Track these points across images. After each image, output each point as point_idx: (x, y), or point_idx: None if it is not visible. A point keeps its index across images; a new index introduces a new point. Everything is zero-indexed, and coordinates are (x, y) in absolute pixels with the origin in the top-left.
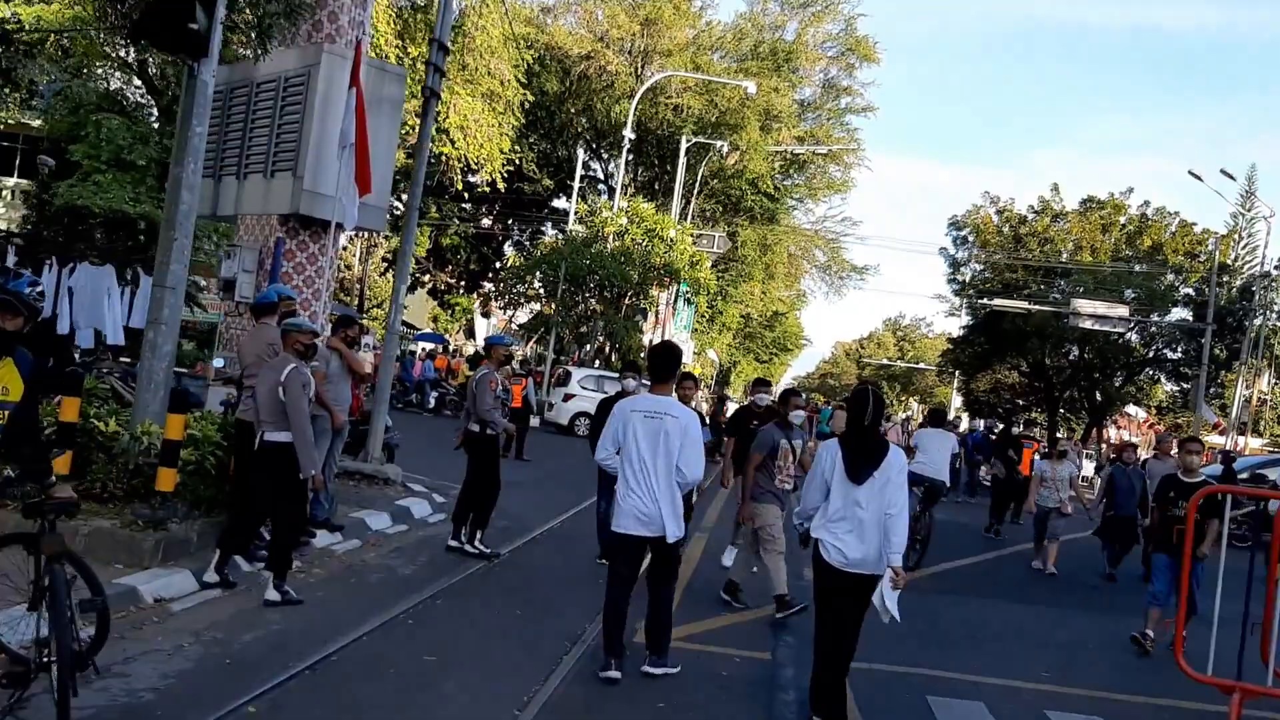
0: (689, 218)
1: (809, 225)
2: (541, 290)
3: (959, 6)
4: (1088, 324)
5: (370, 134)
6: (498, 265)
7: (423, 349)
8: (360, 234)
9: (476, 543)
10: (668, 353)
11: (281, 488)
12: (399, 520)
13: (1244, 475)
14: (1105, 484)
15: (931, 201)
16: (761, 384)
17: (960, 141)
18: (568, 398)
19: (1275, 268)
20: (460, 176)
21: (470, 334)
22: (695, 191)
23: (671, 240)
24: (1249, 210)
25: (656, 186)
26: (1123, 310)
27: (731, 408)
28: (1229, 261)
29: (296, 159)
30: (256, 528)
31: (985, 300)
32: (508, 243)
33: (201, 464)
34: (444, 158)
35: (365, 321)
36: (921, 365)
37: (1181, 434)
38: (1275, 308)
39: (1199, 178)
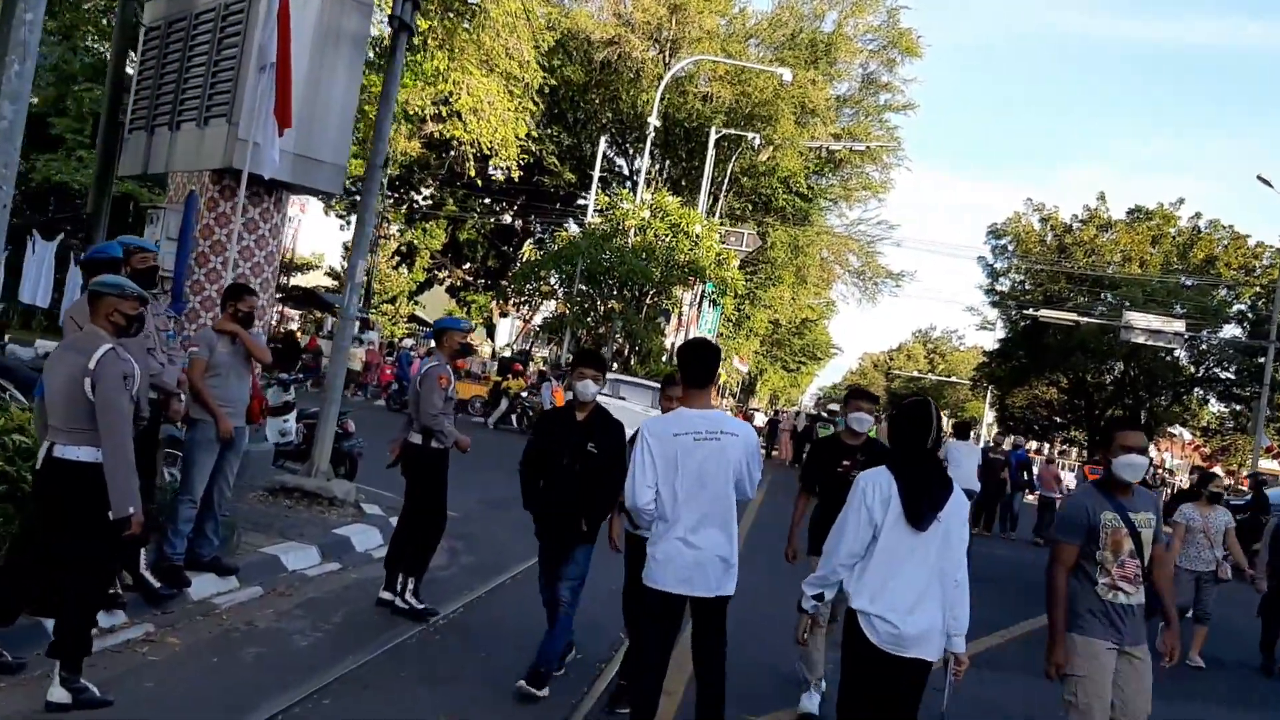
0: (717, 215)
1: (843, 229)
2: (558, 288)
3: (978, 16)
4: (1140, 338)
5: (326, 74)
6: (516, 261)
7: (421, 344)
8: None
9: (408, 595)
10: (705, 351)
11: (77, 530)
12: (331, 556)
13: None
14: (1273, 540)
15: (955, 214)
16: (861, 396)
17: (984, 156)
18: None
19: None
20: (474, 163)
21: (490, 334)
22: (724, 188)
23: (697, 236)
24: None
25: (684, 183)
26: (1179, 325)
27: (758, 420)
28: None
29: (231, 104)
30: (49, 581)
31: (1031, 311)
32: (528, 240)
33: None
34: (455, 142)
35: (374, 317)
36: (953, 379)
37: (1231, 457)
38: None
39: (1269, 183)
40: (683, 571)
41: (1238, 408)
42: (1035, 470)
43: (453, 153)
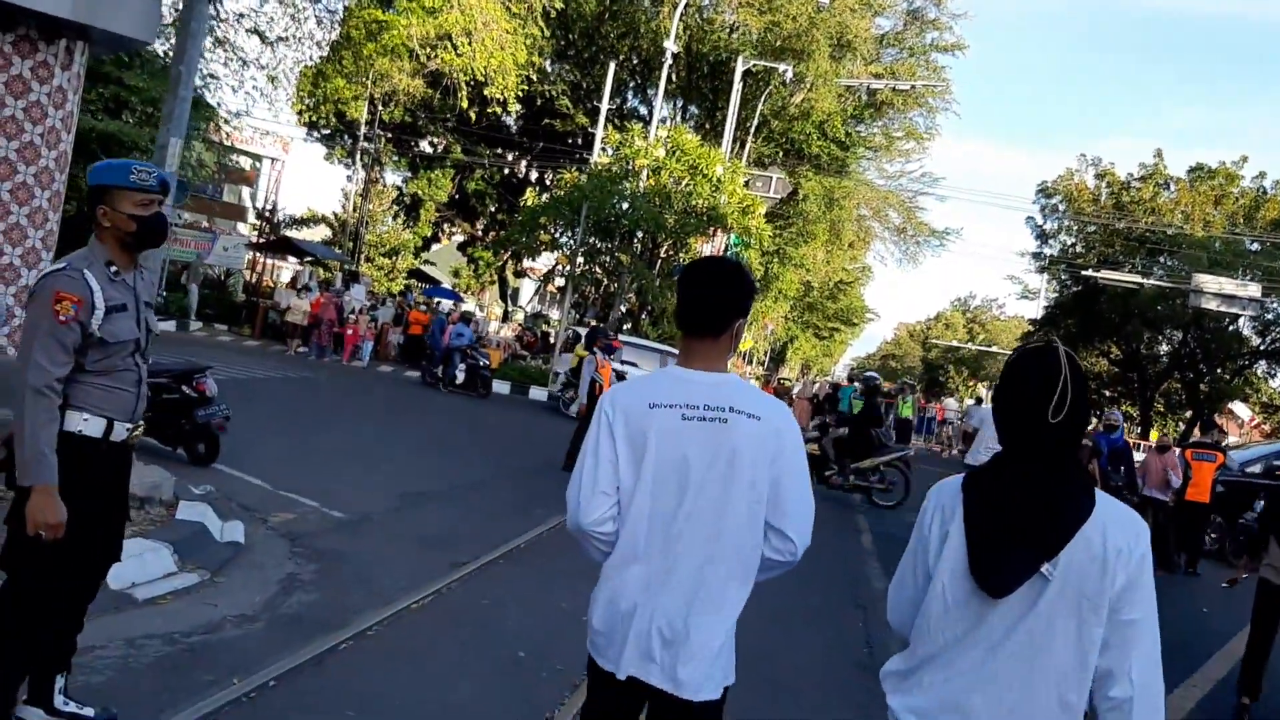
0: (744, 160)
1: (884, 184)
2: (562, 239)
3: None
4: (1212, 304)
5: None
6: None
7: (454, 308)
8: (357, 166)
9: (61, 698)
10: (719, 278)
11: None
12: None
13: None
14: None
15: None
16: None
17: (1032, 126)
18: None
19: None
20: (467, 92)
21: (503, 295)
22: (752, 132)
23: (718, 180)
24: None
25: (708, 126)
26: (1254, 290)
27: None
28: None
29: None
30: None
31: (1090, 272)
32: (529, 188)
33: None
34: (449, 70)
35: (366, 269)
36: (994, 349)
37: None
38: None
39: None
40: (643, 642)
41: None
42: (1138, 460)
43: (445, 82)
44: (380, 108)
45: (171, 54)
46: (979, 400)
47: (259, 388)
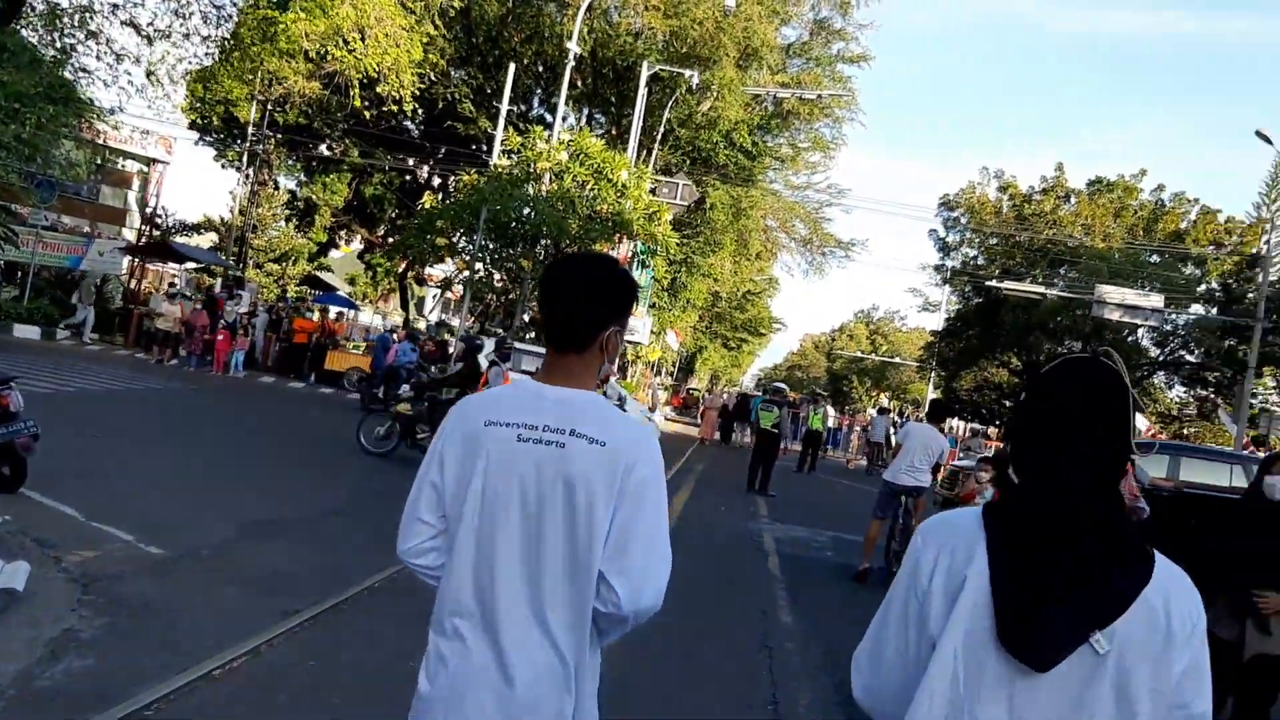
0: (650, 168)
1: (790, 195)
2: (460, 244)
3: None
4: (1114, 315)
5: None
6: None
7: (399, 326)
8: (249, 170)
9: None
10: (588, 278)
11: None
12: None
13: None
14: None
15: (907, 191)
16: None
17: (934, 142)
18: None
19: None
20: (359, 91)
21: (404, 304)
22: (659, 140)
23: (623, 185)
24: (1274, 199)
25: (614, 132)
26: (1157, 301)
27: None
28: (1261, 251)
29: None
30: None
31: (993, 283)
32: (427, 192)
33: None
34: (339, 67)
35: (253, 276)
36: (897, 359)
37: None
38: None
39: (1268, 139)
40: (472, 713)
41: (1204, 393)
42: None
43: (337, 80)
44: (274, 110)
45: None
46: (882, 410)
47: (108, 400)
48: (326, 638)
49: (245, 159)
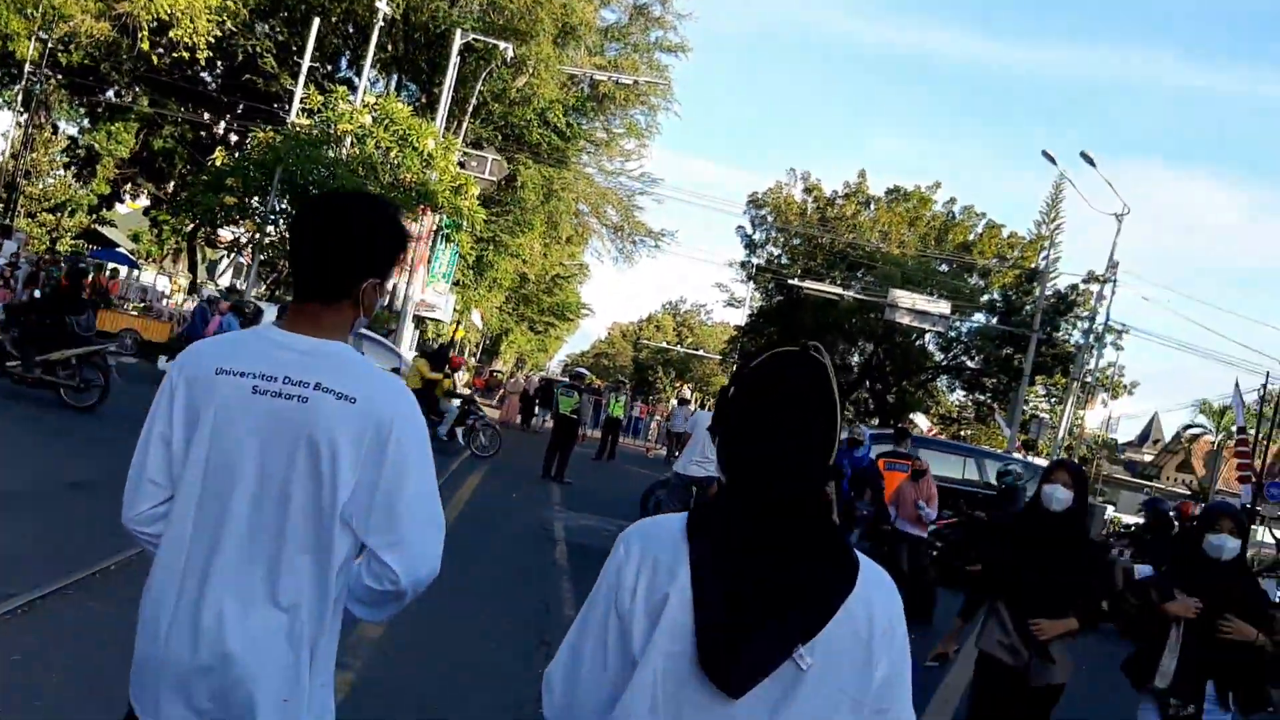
0: (460, 141)
1: (603, 181)
2: (250, 205)
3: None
4: (905, 319)
5: None
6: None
7: (216, 294)
8: (25, 114)
9: None
10: (338, 223)
11: None
12: None
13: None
14: None
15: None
16: None
17: (744, 149)
18: None
19: (1100, 276)
20: (149, 35)
21: (192, 266)
22: (470, 112)
23: (430, 156)
24: (1053, 217)
25: (424, 100)
26: (944, 307)
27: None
28: (1039, 266)
29: None
30: None
31: (795, 281)
32: (219, 148)
33: None
34: (131, 8)
35: (23, 225)
36: (701, 352)
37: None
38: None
39: (1052, 159)
40: (176, 684)
41: (981, 397)
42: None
43: (124, 20)
44: (56, 49)
45: None
46: (683, 401)
47: None
48: (39, 627)
49: (21, 99)
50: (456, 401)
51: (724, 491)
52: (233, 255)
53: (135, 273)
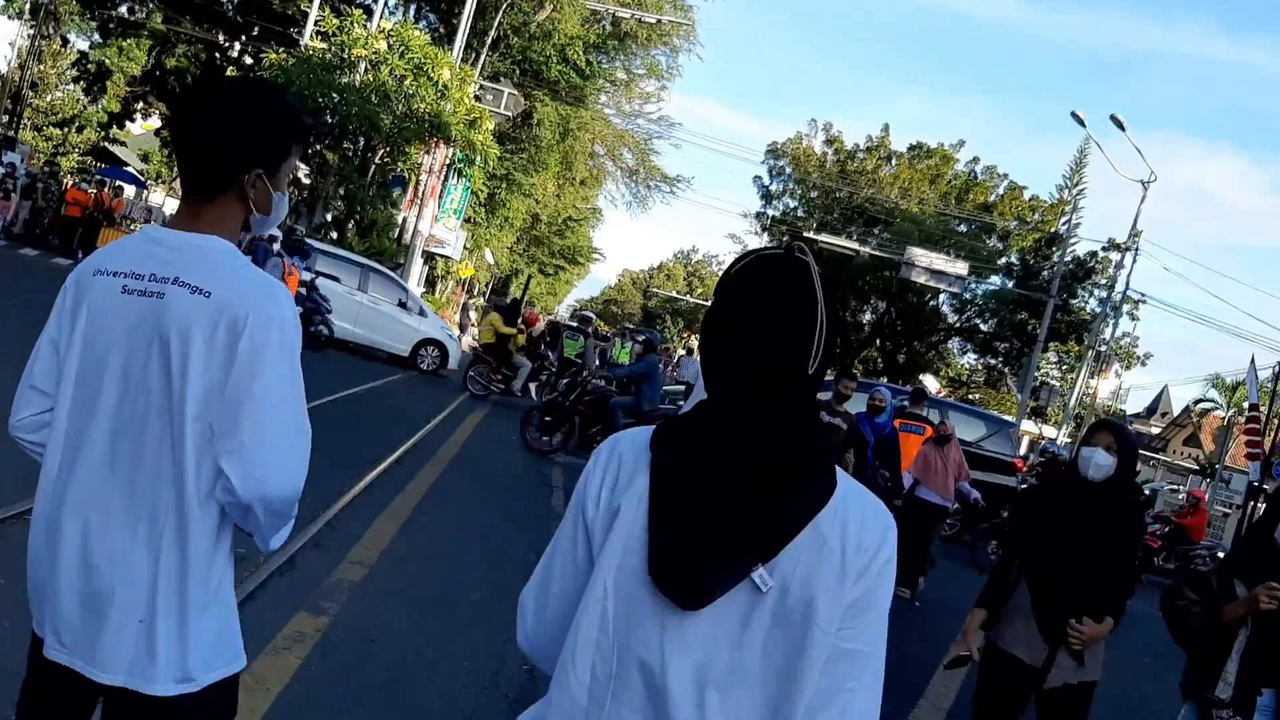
0: (477, 74)
1: (620, 122)
2: None
3: None
4: (922, 278)
5: None
6: None
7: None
8: (33, 24)
9: None
10: (219, 102)
11: None
12: None
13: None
14: None
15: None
16: None
17: (766, 101)
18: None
19: (1121, 244)
20: None
21: None
22: (489, 45)
23: (445, 87)
24: (1076, 182)
25: (442, 31)
26: (962, 268)
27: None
28: (1060, 230)
29: None
30: None
31: (811, 235)
32: (231, 69)
33: None
34: None
35: (29, 138)
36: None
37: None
38: (1112, 289)
39: (1081, 121)
40: (53, 598)
41: (993, 361)
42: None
43: None
44: None
45: None
46: (689, 351)
47: None
48: None
49: (29, 8)
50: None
51: (700, 405)
52: None
53: (144, 193)
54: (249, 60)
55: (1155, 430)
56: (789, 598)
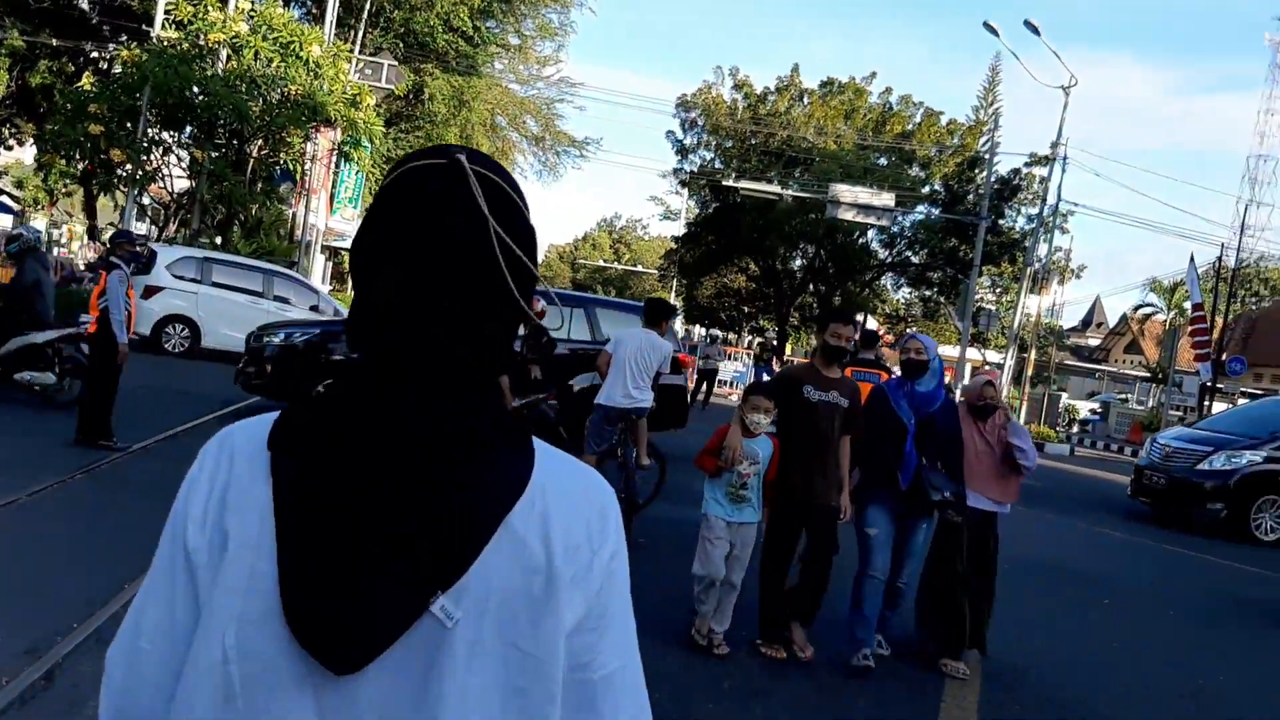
0: (356, 51)
1: (519, 89)
2: (117, 131)
3: None
4: (850, 215)
5: None
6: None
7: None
8: None
9: None
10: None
11: None
12: None
13: None
14: None
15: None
16: None
17: (659, 54)
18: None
19: (1045, 156)
20: None
21: (91, 211)
22: (366, 20)
23: (317, 65)
24: (991, 101)
25: (315, 12)
26: (888, 199)
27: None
28: (981, 152)
29: None
30: None
31: (730, 182)
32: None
33: None
34: None
35: None
36: (639, 268)
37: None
38: (1043, 204)
39: (994, 31)
40: None
41: (928, 293)
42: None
43: None
44: None
45: None
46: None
47: None
48: None
49: None
50: None
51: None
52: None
53: (20, 222)
54: (105, 65)
55: (1094, 342)
56: (485, 625)
